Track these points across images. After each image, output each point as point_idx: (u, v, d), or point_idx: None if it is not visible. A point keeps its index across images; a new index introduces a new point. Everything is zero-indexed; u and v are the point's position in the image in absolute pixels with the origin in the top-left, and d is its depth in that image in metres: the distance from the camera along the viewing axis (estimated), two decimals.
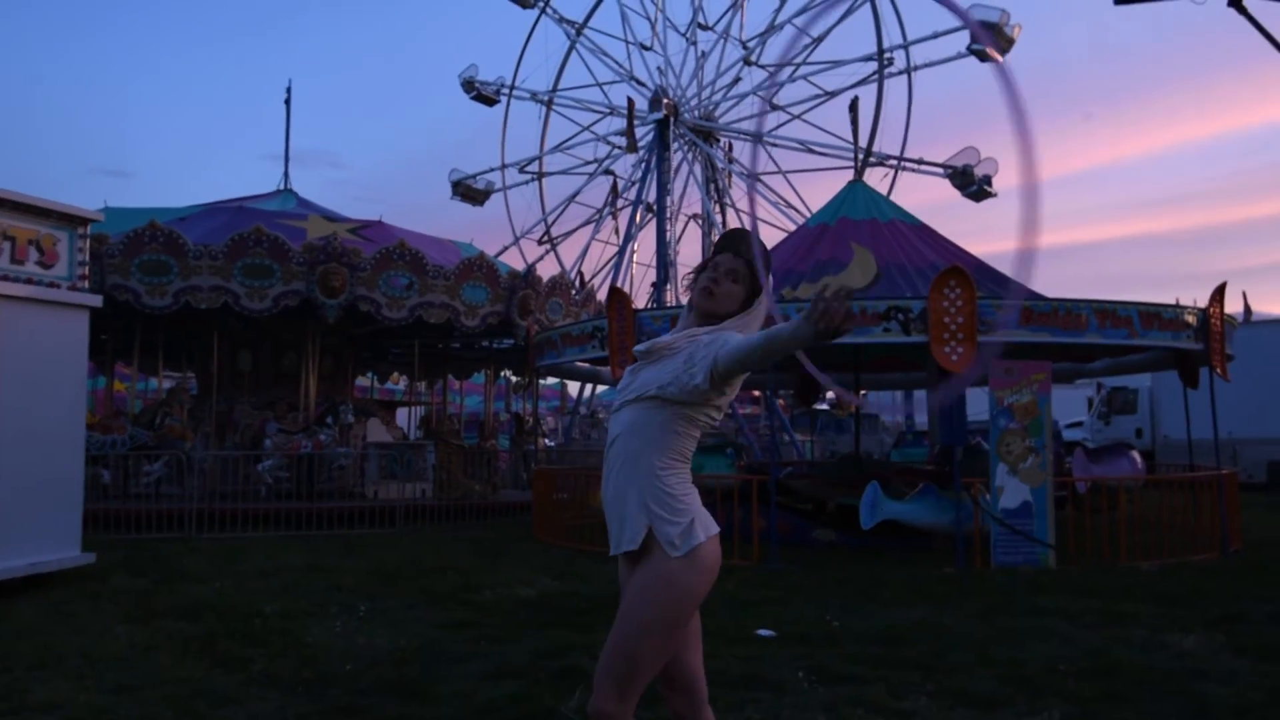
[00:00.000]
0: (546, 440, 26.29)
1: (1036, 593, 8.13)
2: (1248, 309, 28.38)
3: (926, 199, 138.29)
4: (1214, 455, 12.16)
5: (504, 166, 35.18)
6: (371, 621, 6.93)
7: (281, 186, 19.87)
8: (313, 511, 13.66)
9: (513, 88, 34.99)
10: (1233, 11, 13.86)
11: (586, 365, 16.03)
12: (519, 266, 19.59)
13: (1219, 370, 11.57)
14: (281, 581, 8.85)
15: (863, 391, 24.42)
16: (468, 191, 35.01)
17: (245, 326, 16.06)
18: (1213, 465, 11.99)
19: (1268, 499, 19.15)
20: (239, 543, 11.89)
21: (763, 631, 6.54)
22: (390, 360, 23.85)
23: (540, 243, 34.82)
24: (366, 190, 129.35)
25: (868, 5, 28.79)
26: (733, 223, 33.10)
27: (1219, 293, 11.59)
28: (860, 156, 17.50)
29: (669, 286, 29.87)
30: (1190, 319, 11.27)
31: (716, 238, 31.37)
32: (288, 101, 20.81)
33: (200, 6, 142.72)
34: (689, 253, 33.70)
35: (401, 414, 24.09)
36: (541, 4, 34.20)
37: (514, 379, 29.72)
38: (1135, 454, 13.68)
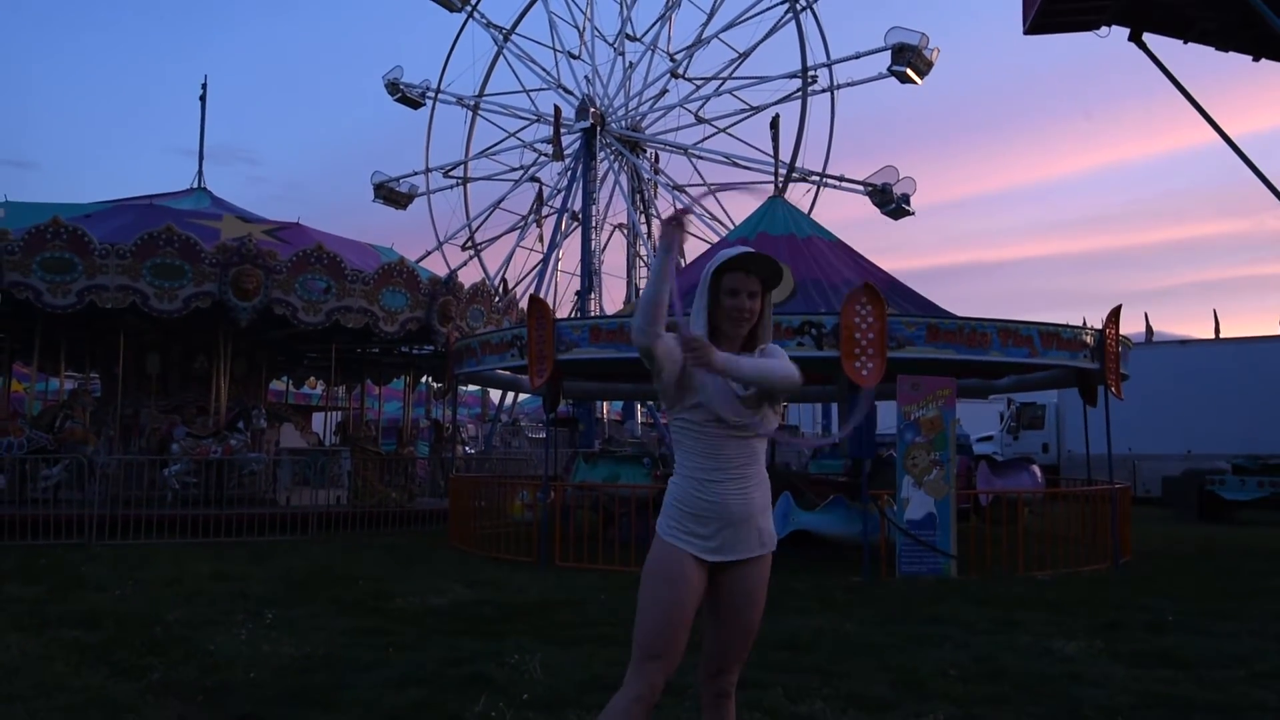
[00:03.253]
0: (466, 448, 26.08)
1: (936, 602, 8.42)
2: (1149, 330, 29.74)
3: (847, 215, 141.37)
4: (1115, 467, 12.70)
5: (428, 170, 34.92)
6: (277, 630, 6.84)
7: (195, 185, 19.37)
8: (221, 518, 13.36)
9: (438, 91, 34.76)
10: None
11: (507, 373, 16.02)
12: (441, 272, 19.48)
13: (1113, 389, 12.12)
14: (185, 589, 8.66)
15: (784, 405, 24.92)
16: (390, 194, 34.63)
17: (154, 328, 15.63)
18: (1111, 479, 12.55)
19: (1161, 513, 20.06)
20: (142, 550, 11.57)
21: None
22: (306, 365, 23.41)
23: (464, 248, 34.63)
24: (285, 189, 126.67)
25: (793, 24, 29.37)
26: (657, 232, 33.36)
27: (1114, 315, 12.16)
28: (782, 172, 17.83)
29: (593, 295, 29.96)
30: (1088, 339, 11.79)
31: (642, 248, 31.63)
32: (203, 98, 20.30)
33: None
34: (614, 261, 33.90)
35: (318, 419, 23.66)
36: (469, 8, 34.06)
37: (434, 385, 29.47)
38: (1036, 468, 14.23)
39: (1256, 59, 14.73)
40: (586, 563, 10.60)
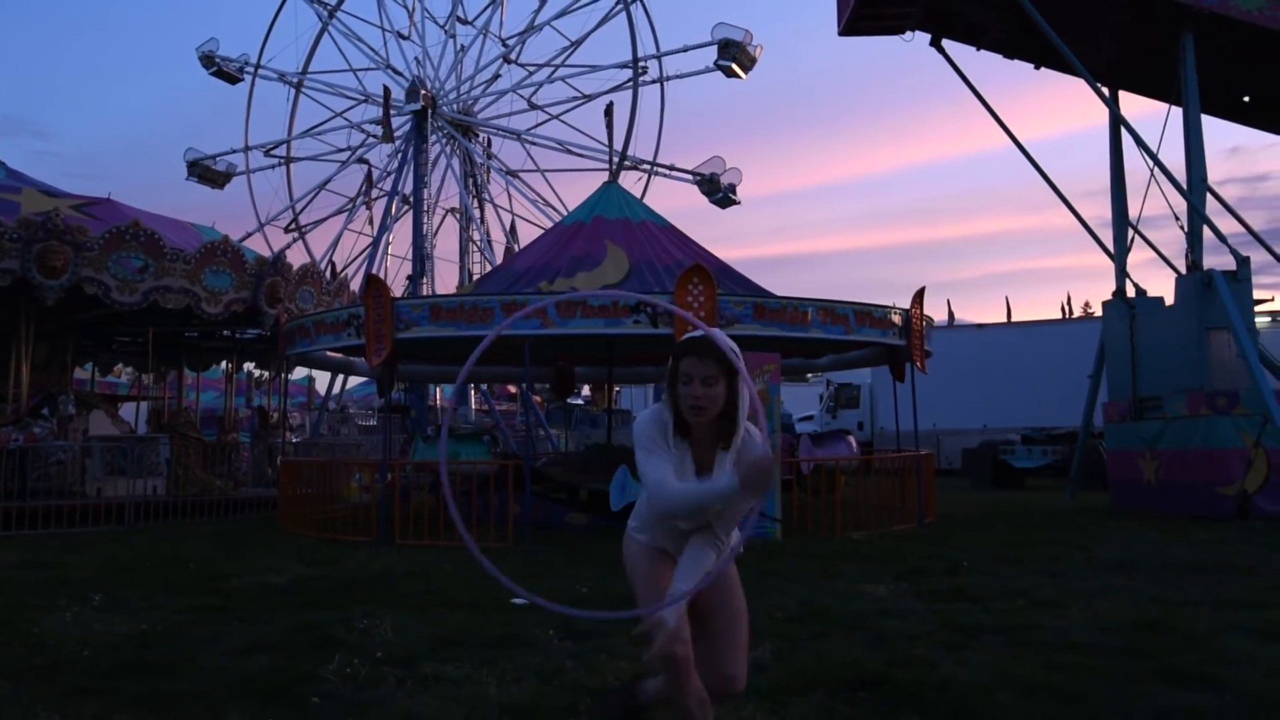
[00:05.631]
0: (292, 436, 25.22)
1: (765, 560, 9.03)
2: (951, 315, 32.20)
3: (677, 204, 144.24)
4: (922, 442, 13.84)
5: (247, 149, 33.35)
6: (108, 611, 6.64)
7: None
8: (26, 510, 12.54)
9: (258, 66, 33.25)
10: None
11: (339, 355, 15.72)
12: (265, 254, 18.76)
13: (919, 364, 13.21)
14: None
15: (617, 388, 25.43)
16: (206, 173, 32.89)
17: None
18: (924, 450, 13.68)
19: (961, 482, 21.87)
20: None
21: (517, 600, 6.90)
22: (114, 350, 22.03)
23: (287, 230, 33.32)
24: (80, 165, 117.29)
25: (623, 15, 29.86)
26: (490, 218, 33.21)
27: (919, 296, 13.25)
28: (615, 159, 18.24)
29: (425, 279, 29.54)
30: (896, 318, 12.80)
31: (475, 232, 31.38)
32: None
33: None
34: (446, 246, 33.54)
35: (128, 410, 22.31)
36: None
37: (256, 373, 28.27)
38: (852, 439, 15.29)
39: (1038, 67, 16.30)
40: (427, 539, 10.66)
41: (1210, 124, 18.49)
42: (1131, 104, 22.49)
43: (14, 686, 4.86)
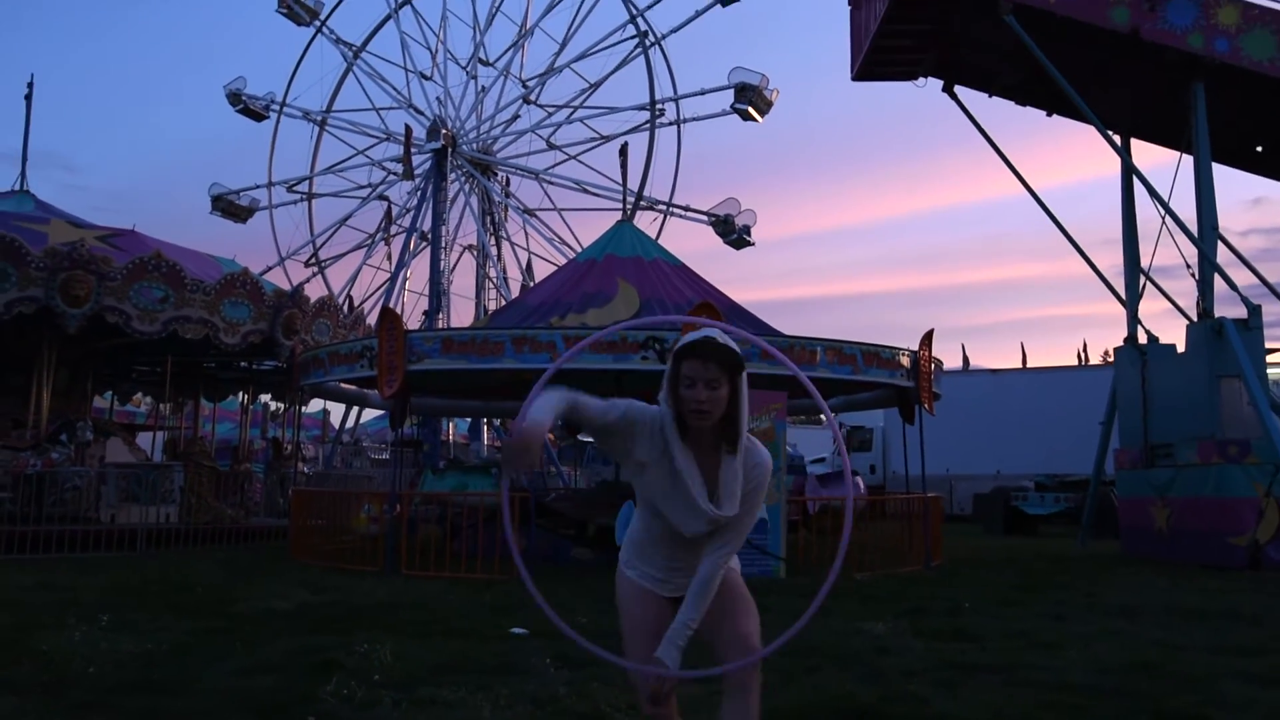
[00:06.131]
0: (305, 467, 25.38)
1: (763, 595, 8.99)
2: (966, 361, 32.21)
3: (693, 245, 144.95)
4: (929, 484, 13.81)
5: (271, 184, 33.94)
6: (115, 631, 6.74)
7: (17, 187, 18.35)
8: (40, 534, 12.70)
9: (284, 104, 33.93)
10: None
11: (353, 388, 15.91)
12: (285, 288, 19.08)
13: (926, 405, 13.24)
14: (6, 597, 8.31)
15: None
16: (229, 207, 33.45)
17: None
18: (931, 494, 13.64)
19: (973, 528, 21.73)
20: None
21: (516, 630, 6.96)
22: (134, 379, 22.34)
23: (307, 264, 33.78)
24: (107, 200, 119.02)
25: (642, 58, 30.37)
26: (507, 256, 33.57)
27: (927, 338, 13.32)
28: (629, 199, 18.51)
29: (441, 315, 29.83)
30: (904, 360, 12.87)
31: (491, 270, 31.71)
32: (29, 97, 19.29)
33: None
34: (463, 283, 33.85)
35: (144, 439, 22.56)
36: (318, 23, 33.52)
37: (272, 405, 28.51)
38: (859, 479, 15.29)
39: (1050, 114, 16.48)
40: (433, 571, 10.72)
41: (1233, 175, 18.63)
42: (1145, 151, 22.63)
43: (21, 702, 4.95)
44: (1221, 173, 15.02)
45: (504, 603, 8.37)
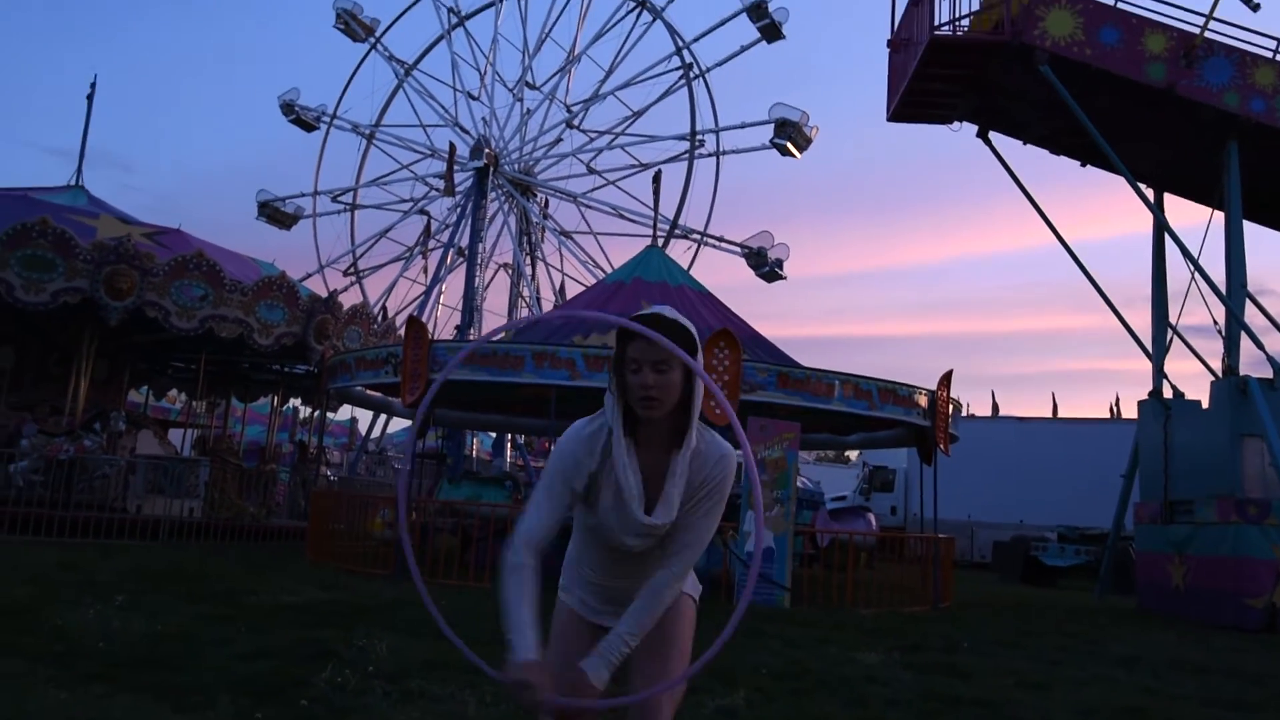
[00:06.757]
0: (329, 473, 25.74)
1: (763, 622, 9.12)
2: (995, 407, 32.00)
3: (725, 278, 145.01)
4: (950, 528, 13.75)
5: (316, 194, 34.66)
6: (128, 611, 6.98)
7: (73, 182, 18.96)
8: (68, 518, 13.06)
9: (334, 116, 34.71)
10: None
11: (379, 395, 16.22)
12: (321, 294, 19.48)
13: (942, 446, 13.26)
14: (28, 573, 8.61)
15: None
16: (275, 214, 34.18)
17: (12, 320, 15.21)
18: (943, 535, 13.62)
19: (991, 576, 21.52)
20: None
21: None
22: (170, 375, 22.87)
23: (346, 274, 34.37)
24: (157, 200, 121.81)
25: (685, 89, 30.77)
26: (541, 276, 33.96)
27: (946, 378, 13.37)
28: (661, 225, 18.75)
29: (473, 330, 30.22)
30: (921, 399, 12.92)
31: (525, 289, 32.11)
32: (90, 97, 19.97)
33: None
34: (496, 301, 34.24)
35: (175, 435, 23.05)
36: (373, 39, 34.33)
37: (302, 411, 29.02)
38: (871, 516, 15.29)
39: (1084, 164, 16.51)
40: (443, 578, 10.90)
41: (1273, 235, 18.46)
42: (1178, 206, 22.53)
43: (31, 666, 5.19)
44: (1263, 234, 14.90)
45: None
